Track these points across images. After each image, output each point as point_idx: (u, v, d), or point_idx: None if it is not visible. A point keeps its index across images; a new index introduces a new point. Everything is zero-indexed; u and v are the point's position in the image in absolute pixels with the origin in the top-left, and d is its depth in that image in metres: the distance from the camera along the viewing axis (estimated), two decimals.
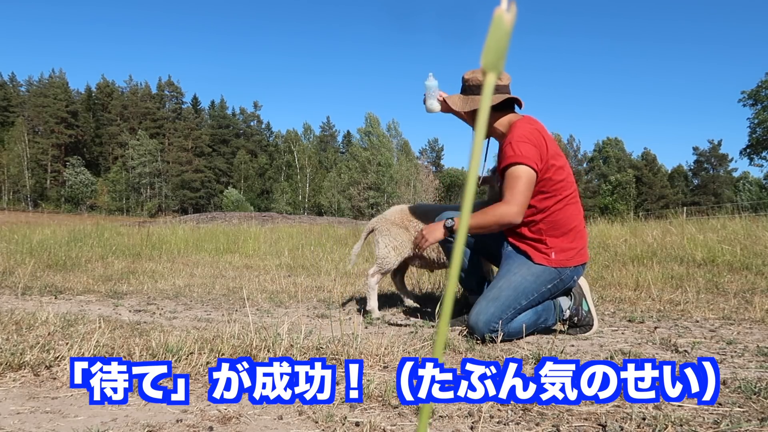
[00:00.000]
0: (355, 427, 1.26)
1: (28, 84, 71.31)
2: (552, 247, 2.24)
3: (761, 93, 35.77)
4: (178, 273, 4.68)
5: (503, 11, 0.27)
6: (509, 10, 0.27)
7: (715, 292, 3.33)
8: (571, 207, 2.27)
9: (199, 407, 1.38)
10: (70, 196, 61.23)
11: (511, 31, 0.27)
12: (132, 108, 71.40)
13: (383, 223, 2.80)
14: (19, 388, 1.51)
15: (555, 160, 2.21)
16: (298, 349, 1.80)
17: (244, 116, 78.31)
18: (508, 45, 0.27)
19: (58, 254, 5.63)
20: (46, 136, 65.84)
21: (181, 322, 2.58)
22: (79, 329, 2.15)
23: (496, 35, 0.27)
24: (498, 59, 0.27)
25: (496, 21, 0.27)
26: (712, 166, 63.21)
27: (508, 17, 0.27)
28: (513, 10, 0.27)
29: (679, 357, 1.88)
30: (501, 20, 0.27)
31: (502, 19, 0.27)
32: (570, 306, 2.32)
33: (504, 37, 0.27)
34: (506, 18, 0.27)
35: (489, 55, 0.27)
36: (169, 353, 1.73)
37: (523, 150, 2.15)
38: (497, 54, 0.27)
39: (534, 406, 1.37)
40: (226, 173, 72.40)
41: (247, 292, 3.59)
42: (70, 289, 3.69)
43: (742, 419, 1.26)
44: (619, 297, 3.21)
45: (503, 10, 0.27)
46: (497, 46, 0.27)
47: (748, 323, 2.49)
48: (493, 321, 2.13)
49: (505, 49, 0.27)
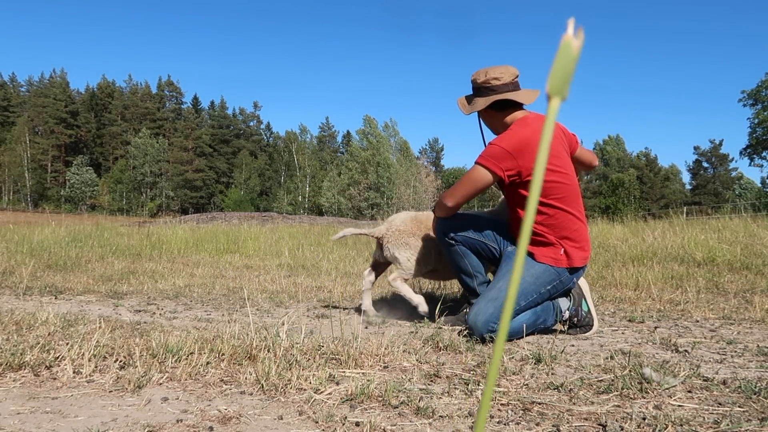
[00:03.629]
0: (355, 427, 1.26)
1: (28, 84, 71.36)
2: (554, 248, 2.24)
3: (761, 93, 35.75)
4: (178, 273, 4.68)
5: (571, 37, 0.27)
6: (577, 36, 0.27)
7: (715, 292, 3.33)
8: (570, 208, 2.26)
9: (199, 407, 1.38)
10: (70, 196, 61.23)
11: (578, 57, 0.27)
12: (132, 108, 71.41)
13: (398, 236, 2.68)
14: (19, 388, 1.51)
15: (547, 163, 2.20)
16: (299, 349, 1.80)
17: (244, 116, 78.35)
18: (574, 70, 0.27)
19: (58, 254, 5.63)
20: (47, 136, 65.85)
21: (181, 322, 2.58)
22: (79, 329, 2.15)
23: (563, 60, 0.27)
24: (563, 84, 0.27)
25: (564, 46, 0.27)
26: (712, 165, 63.19)
27: (576, 43, 0.27)
28: (581, 37, 0.27)
29: (679, 357, 1.88)
30: (569, 46, 0.27)
31: (570, 45, 0.27)
32: (569, 307, 2.32)
33: (571, 62, 0.27)
34: (574, 44, 0.27)
35: (555, 79, 0.27)
36: (169, 353, 1.73)
37: (494, 153, 2.19)
38: (563, 79, 0.27)
39: (534, 406, 1.37)
40: (227, 173, 72.42)
41: (247, 292, 3.59)
42: (70, 289, 3.69)
43: (742, 419, 1.26)
44: (619, 297, 3.21)
45: (571, 36, 0.27)
46: (564, 71, 0.27)
47: (748, 323, 2.49)
48: (491, 321, 2.13)
49: (571, 74, 0.27)
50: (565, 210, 2.24)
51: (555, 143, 2.26)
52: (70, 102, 68.84)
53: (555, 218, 2.24)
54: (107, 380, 1.56)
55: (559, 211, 2.23)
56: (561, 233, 2.26)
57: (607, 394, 1.45)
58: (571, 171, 2.30)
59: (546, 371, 1.69)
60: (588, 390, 1.49)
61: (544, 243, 2.26)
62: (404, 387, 1.51)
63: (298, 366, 1.65)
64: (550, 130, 0.28)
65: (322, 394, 1.45)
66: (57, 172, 66.01)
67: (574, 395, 1.45)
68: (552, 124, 0.28)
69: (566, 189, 2.24)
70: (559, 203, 2.23)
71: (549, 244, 2.26)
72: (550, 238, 2.26)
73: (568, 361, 1.83)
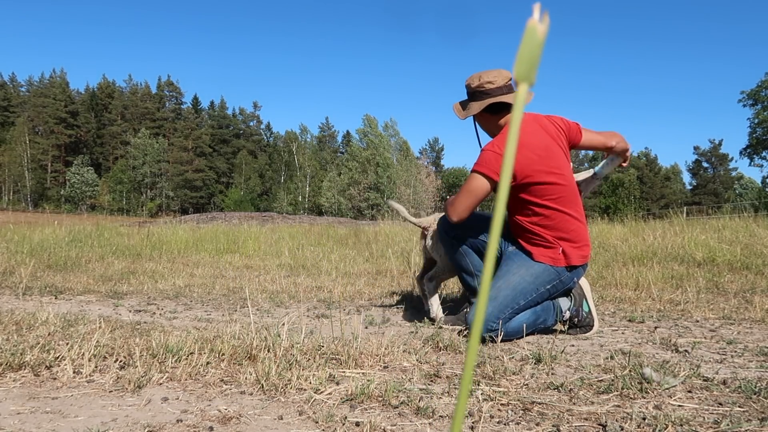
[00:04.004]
0: (355, 427, 1.25)
1: (28, 84, 71.38)
2: (554, 248, 2.24)
3: (761, 93, 35.75)
4: (178, 273, 4.68)
5: (536, 22, 0.27)
6: (542, 21, 0.27)
7: (715, 292, 3.33)
8: (567, 208, 2.25)
9: (199, 407, 1.38)
10: (70, 195, 61.25)
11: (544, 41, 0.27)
12: (132, 108, 71.45)
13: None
14: (19, 388, 1.51)
15: (541, 165, 2.18)
16: (299, 349, 1.80)
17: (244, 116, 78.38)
18: (540, 56, 0.27)
19: (58, 254, 5.63)
20: (47, 136, 65.88)
21: (181, 322, 2.58)
22: (79, 329, 2.15)
23: (528, 46, 0.27)
24: (530, 70, 0.27)
25: (530, 32, 0.27)
26: (712, 165, 63.21)
27: (541, 28, 0.27)
28: (546, 21, 0.27)
29: (679, 357, 1.88)
30: (534, 31, 0.27)
31: (536, 30, 0.27)
32: (569, 307, 2.32)
33: (537, 48, 0.27)
34: (539, 29, 0.27)
35: (521, 65, 0.27)
36: (169, 353, 1.73)
37: (489, 159, 2.18)
38: (530, 65, 0.27)
39: (534, 406, 1.37)
40: (227, 173, 72.45)
41: (247, 292, 3.59)
42: (70, 289, 3.69)
43: (742, 419, 1.26)
44: (619, 297, 3.21)
45: (536, 21, 0.27)
46: (530, 57, 0.27)
47: (749, 323, 2.49)
48: (490, 320, 2.13)
49: (537, 59, 0.27)
50: (561, 211, 2.23)
51: (547, 144, 2.23)
52: (70, 102, 68.87)
53: (551, 219, 2.23)
54: (107, 380, 1.56)
55: (555, 212, 2.23)
56: (558, 234, 2.25)
57: (607, 394, 1.45)
58: (568, 171, 2.28)
59: (546, 371, 1.69)
60: (588, 390, 1.49)
61: (542, 244, 2.26)
62: (404, 387, 1.51)
63: (298, 366, 1.65)
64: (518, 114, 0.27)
65: (322, 394, 1.45)
66: (57, 172, 66.03)
67: (574, 395, 1.45)
68: (520, 111, 0.27)
69: (562, 190, 2.23)
70: (554, 204, 2.22)
71: (547, 244, 2.26)
72: (548, 239, 2.25)
73: (568, 361, 1.83)
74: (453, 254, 2.51)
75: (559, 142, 2.29)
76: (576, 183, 2.45)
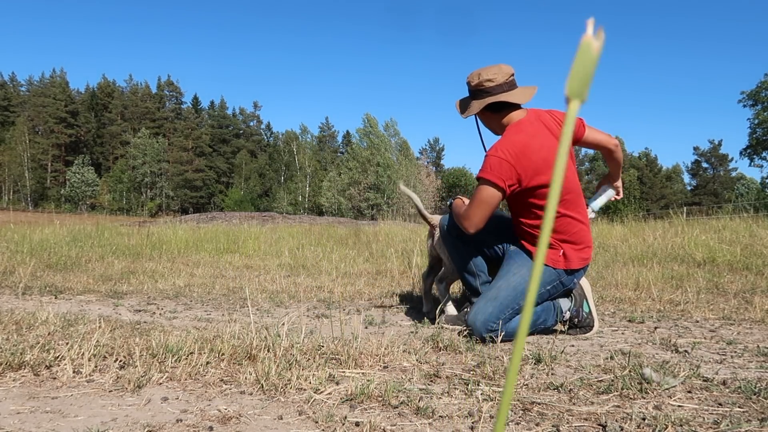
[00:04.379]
0: (355, 427, 1.25)
1: (28, 84, 71.40)
2: (553, 250, 2.24)
3: (761, 93, 35.76)
4: (178, 273, 4.68)
5: (591, 38, 0.26)
6: (597, 37, 0.26)
7: (715, 292, 3.33)
8: (570, 210, 2.24)
9: (199, 407, 1.38)
10: (70, 195, 61.27)
11: (599, 58, 0.27)
12: (132, 108, 71.47)
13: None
14: (19, 388, 1.51)
15: (545, 169, 2.16)
16: (298, 349, 1.80)
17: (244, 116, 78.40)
18: (594, 72, 0.26)
19: (58, 254, 5.63)
20: (46, 135, 65.89)
21: (181, 322, 2.58)
22: (79, 329, 2.15)
23: (582, 62, 0.26)
24: (583, 87, 0.26)
25: (584, 48, 0.26)
26: (712, 166, 63.22)
27: (596, 44, 0.26)
28: (601, 37, 0.26)
29: (679, 357, 1.88)
30: (589, 47, 0.26)
31: (590, 46, 0.26)
32: (570, 307, 2.31)
33: (591, 64, 0.26)
34: (594, 45, 0.26)
35: (574, 82, 0.26)
36: (169, 353, 1.73)
37: (494, 165, 2.14)
38: (582, 81, 0.26)
39: (534, 406, 1.37)
40: (227, 173, 72.46)
41: (247, 292, 3.59)
42: (70, 289, 3.69)
43: (742, 419, 1.26)
44: (619, 297, 3.21)
45: (591, 37, 0.26)
46: (583, 74, 0.26)
47: (748, 323, 2.49)
48: (490, 321, 2.13)
49: (591, 76, 0.26)
50: (564, 214, 2.22)
51: (551, 145, 2.19)
52: (70, 102, 68.88)
53: (554, 222, 2.23)
54: (107, 380, 1.56)
55: (558, 215, 2.22)
56: (561, 236, 2.25)
57: (607, 394, 1.45)
58: (570, 172, 2.26)
59: (546, 371, 1.69)
60: (588, 390, 1.49)
61: (550, 246, 2.26)
62: (404, 387, 1.51)
63: (298, 366, 1.65)
64: (569, 132, 0.27)
65: (322, 394, 1.45)
66: (57, 172, 66.04)
67: (574, 395, 1.45)
68: (570, 129, 0.27)
69: (565, 193, 2.21)
70: (557, 207, 2.21)
71: (548, 245, 2.25)
72: (549, 241, 2.24)
73: (568, 361, 1.83)
74: (455, 254, 2.51)
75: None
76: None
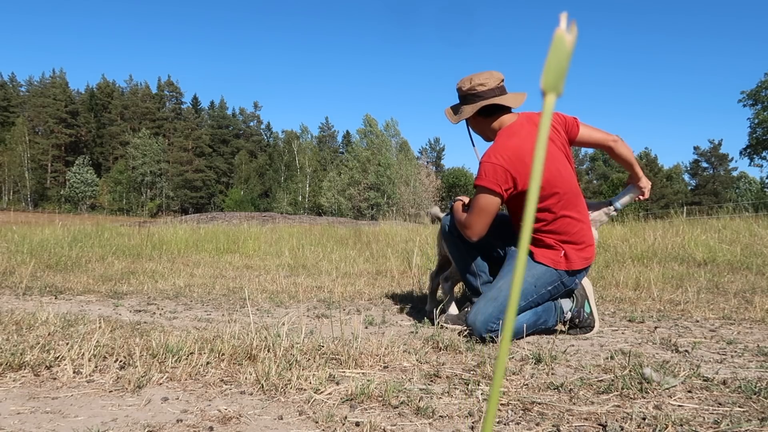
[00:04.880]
0: (355, 427, 1.25)
1: (28, 84, 71.42)
2: (554, 251, 2.24)
3: (761, 93, 35.76)
4: (178, 273, 4.68)
5: (564, 32, 0.26)
6: (570, 31, 0.27)
7: (715, 292, 3.33)
8: (569, 210, 2.24)
9: (199, 407, 1.38)
10: (70, 195, 61.28)
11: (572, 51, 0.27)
12: (132, 108, 71.49)
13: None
14: (19, 388, 1.51)
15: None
16: (299, 349, 1.80)
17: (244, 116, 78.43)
18: (568, 66, 0.27)
19: (58, 254, 5.63)
20: (46, 136, 65.91)
21: (181, 322, 2.58)
22: (79, 329, 2.15)
23: (556, 56, 0.26)
24: (558, 80, 0.27)
25: (557, 41, 0.26)
26: (712, 166, 63.23)
27: (569, 38, 0.26)
28: (574, 31, 0.27)
29: (679, 357, 1.88)
30: (562, 41, 0.26)
31: (563, 39, 0.26)
32: (571, 308, 2.31)
33: (565, 57, 0.26)
34: (567, 39, 0.26)
35: (549, 75, 0.27)
36: (169, 353, 1.73)
37: (489, 172, 2.14)
38: (557, 75, 0.27)
39: (534, 406, 1.37)
40: (227, 173, 72.47)
41: (247, 292, 3.59)
42: (70, 289, 3.69)
43: (742, 419, 1.26)
44: (619, 297, 3.21)
45: (564, 31, 0.26)
46: (558, 67, 0.26)
47: (749, 323, 2.49)
48: (490, 321, 2.12)
49: (565, 69, 0.27)
50: (563, 215, 2.21)
51: (547, 149, 2.21)
52: (70, 102, 68.89)
53: (554, 224, 2.22)
54: (107, 380, 1.56)
55: (557, 217, 2.21)
56: (561, 237, 2.24)
57: (607, 394, 1.45)
58: (567, 172, 2.25)
59: (546, 371, 1.69)
60: (588, 390, 1.49)
61: (545, 245, 2.25)
62: (404, 387, 1.51)
63: (298, 366, 1.65)
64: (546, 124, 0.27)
65: (322, 394, 1.45)
66: (57, 172, 66.06)
67: (574, 395, 1.45)
68: (548, 122, 0.27)
69: (563, 194, 2.20)
70: (556, 209, 2.19)
71: (549, 246, 2.25)
72: (550, 242, 2.24)
73: (568, 361, 1.83)
74: (457, 254, 2.51)
75: (557, 143, 2.26)
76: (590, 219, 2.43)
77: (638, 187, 2.46)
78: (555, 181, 2.17)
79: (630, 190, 2.47)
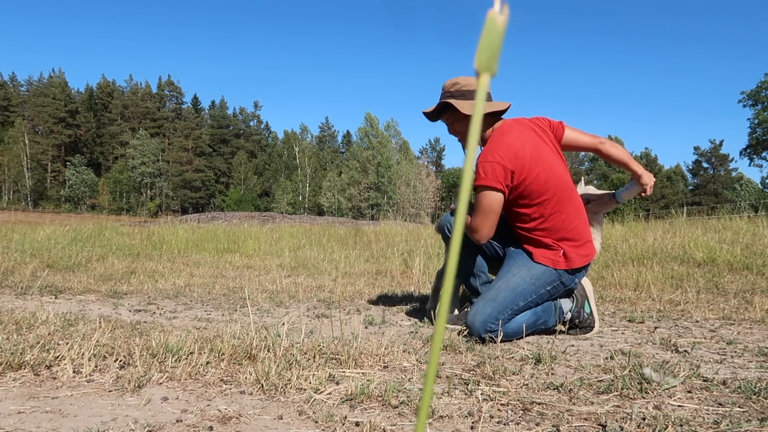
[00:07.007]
0: (355, 427, 1.25)
1: (28, 84, 71.40)
2: (553, 250, 2.24)
3: (761, 93, 35.77)
4: (178, 273, 4.68)
5: (496, 13, 0.27)
6: (502, 12, 0.27)
7: (715, 292, 3.33)
8: (565, 206, 2.24)
9: (199, 407, 1.38)
10: (70, 195, 61.26)
11: (504, 32, 0.28)
12: (132, 108, 71.47)
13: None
14: (19, 388, 1.51)
15: (532, 166, 2.17)
16: (298, 349, 1.80)
17: (244, 116, 78.41)
18: (501, 46, 0.28)
19: (59, 254, 5.63)
20: (46, 135, 65.90)
21: (181, 322, 2.58)
22: (80, 329, 2.15)
23: (489, 36, 0.27)
24: (491, 60, 0.27)
25: (489, 22, 0.27)
26: (712, 166, 63.21)
27: (501, 19, 0.27)
28: (506, 12, 0.27)
29: (679, 357, 1.88)
30: (494, 22, 0.27)
31: (495, 20, 0.27)
32: (571, 308, 2.31)
33: (497, 38, 0.27)
34: (499, 19, 0.27)
35: (483, 55, 0.27)
36: (169, 353, 1.73)
37: (488, 171, 2.15)
38: (491, 55, 0.27)
39: (534, 406, 1.37)
40: (226, 173, 72.46)
41: (247, 291, 3.59)
42: (70, 289, 3.69)
43: (742, 419, 1.26)
44: (619, 297, 3.21)
45: (496, 12, 0.27)
46: (490, 47, 0.27)
47: (749, 323, 2.49)
48: (489, 321, 2.12)
49: (498, 50, 0.27)
50: (558, 212, 2.22)
51: (535, 142, 2.22)
52: (70, 101, 68.85)
53: (550, 221, 2.23)
54: (107, 380, 1.56)
55: (552, 214, 2.21)
56: (558, 235, 2.24)
57: (607, 394, 1.45)
58: (560, 167, 2.26)
59: (546, 371, 1.69)
60: (588, 390, 1.49)
61: (543, 245, 2.25)
62: (404, 387, 1.51)
63: (298, 366, 1.65)
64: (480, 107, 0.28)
65: (322, 394, 1.45)
66: (57, 172, 66.05)
67: (574, 395, 1.45)
68: (482, 101, 0.28)
69: (556, 189, 2.21)
70: (551, 205, 2.19)
71: (547, 246, 2.25)
72: (548, 242, 2.24)
73: (568, 361, 1.83)
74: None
75: (546, 141, 2.29)
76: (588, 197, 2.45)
77: (640, 183, 2.47)
78: (549, 177, 2.19)
79: (633, 185, 2.48)
